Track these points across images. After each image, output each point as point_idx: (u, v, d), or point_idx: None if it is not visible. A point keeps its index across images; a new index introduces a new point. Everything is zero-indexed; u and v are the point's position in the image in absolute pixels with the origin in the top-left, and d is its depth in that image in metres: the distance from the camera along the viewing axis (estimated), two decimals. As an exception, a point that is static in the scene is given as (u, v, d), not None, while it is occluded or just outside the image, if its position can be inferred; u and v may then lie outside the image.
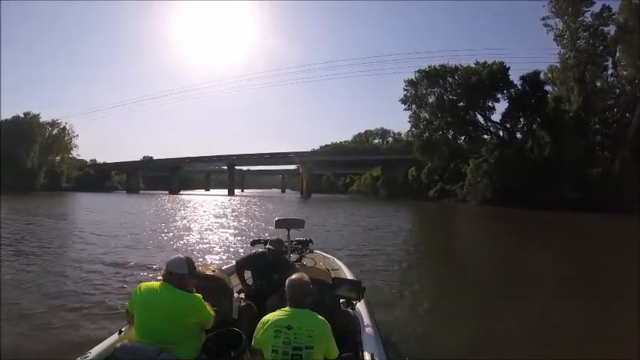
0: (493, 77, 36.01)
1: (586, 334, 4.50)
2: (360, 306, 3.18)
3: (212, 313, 2.32)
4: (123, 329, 2.50)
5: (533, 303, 5.75)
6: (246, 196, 65.34)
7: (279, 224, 4.40)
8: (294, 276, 2.21)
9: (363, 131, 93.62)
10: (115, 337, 2.46)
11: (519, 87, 35.69)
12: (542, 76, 35.39)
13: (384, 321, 4.14)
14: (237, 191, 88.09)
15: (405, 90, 41.05)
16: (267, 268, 3.48)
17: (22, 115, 61.76)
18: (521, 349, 4.06)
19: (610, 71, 30.55)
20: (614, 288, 6.65)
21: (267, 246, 3.59)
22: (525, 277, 7.45)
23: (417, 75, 40.22)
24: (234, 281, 3.63)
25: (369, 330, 2.78)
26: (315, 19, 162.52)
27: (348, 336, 2.71)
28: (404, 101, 41.08)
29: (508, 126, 37.01)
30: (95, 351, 2.31)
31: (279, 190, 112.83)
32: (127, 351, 2.05)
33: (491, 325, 4.93)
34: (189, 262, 2.29)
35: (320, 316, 2.10)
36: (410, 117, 41.52)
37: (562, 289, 6.51)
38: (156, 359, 2.01)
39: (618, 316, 5.11)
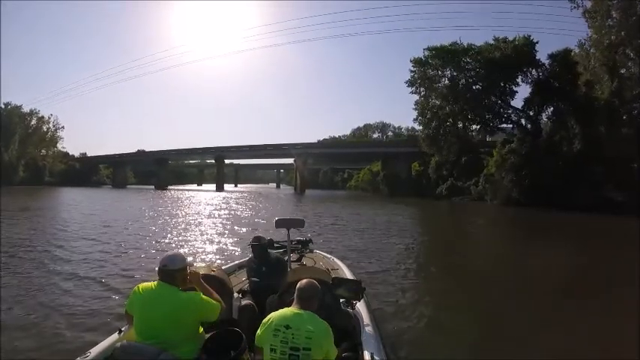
0: (519, 53, 31.52)
1: (586, 334, 4.65)
2: (360, 306, 3.27)
3: (215, 303, 2.38)
4: (122, 329, 2.59)
5: (535, 305, 5.90)
6: (236, 191, 63.89)
7: (279, 224, 4.49)
8: (304, 280, 2.33)
9: (362, 125, 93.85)
10: (114, 337, 2.54)
11: (547, 67, 31.27)
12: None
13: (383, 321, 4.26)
14: (230, 186, 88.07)
15: (411, 71, 36.59)
16: (257, 266, 3.73)
17: (2, 106, 61.14)
18: (522, 349, 4.20)
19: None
20: (616, 288, 6.81)
21: (252, 243, 3.82)
22: (538, 281, 7.47)
23: (426, 53, 35.74)
24: (234, 281, 3.75)
25: (369, 330, 2.87)
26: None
27: (348, 336, 2.80)
28: (411, 83, 36.87)
29: (531, 113, 32.76)
30: (95, 351, 2.39)
31: (275, 186, 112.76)
32: (127, 351, 2.12)
33: (491, 325, 5.10)
34: (181, 258, 2.40)
35: (321, 319, 2.15)
36: (416, 103, 37.32)
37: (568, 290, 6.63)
38: (156, 359, 2.08)
39: (618, 315, 5.27)
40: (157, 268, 2.39)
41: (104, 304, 5.28)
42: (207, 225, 15.59)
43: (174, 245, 10.48)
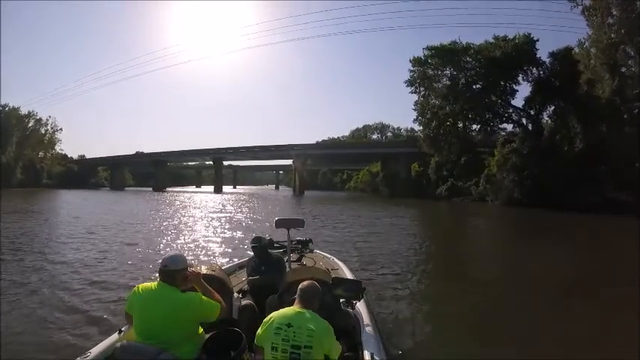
0: (519, 52, 31.33)
1: (586, 333, 4.67)
2: (360, 306, 3.30)
3: (215, 303, 2.40)
4: (123, 329, 2.61)
5: (535, 305, 5.92)
6: (235, 193, 63.62)
7: (279, 224, 4.52)
8: (306, 281, 2.39)
9: (361, 126, 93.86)
10: (114, 337, 2.57)
11: (548, 65, 31.12)
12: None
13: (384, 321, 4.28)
14: (228, 188, 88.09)
15: (411, 70, 36.22)
16: (257, 265, 3.82)
17: (0, 108, 61.02)
18: (521, 350, 4.22)
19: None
20: (616, 288, 6.84)
21: (252, 244, 3.89)
22: (532, 278, 7.55)
23: (425, 52, 35.34)
24: (234, 281, 3.78)
25: (369, 330, 2.89)
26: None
27: (348, 336, 2.81)
28: (411, 83, 36.52)
29: (532, 112, 32.48)
30: (95, 351, 2.41)
31: (274, 187, 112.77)
32: (127, 351, 2.13)
33: (491, 325, 5.12)
34: (181, 259, 2.43)
35: (322, 318, 2.19)
36: (416, 103, 37.02)
37: (565, 290, 6.67)
38: (156, 359, 2.09)
39: (618, 315, 5.29)
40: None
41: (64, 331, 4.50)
42: (205, 227, 15.52)
43: (163, 253, 10.14)
